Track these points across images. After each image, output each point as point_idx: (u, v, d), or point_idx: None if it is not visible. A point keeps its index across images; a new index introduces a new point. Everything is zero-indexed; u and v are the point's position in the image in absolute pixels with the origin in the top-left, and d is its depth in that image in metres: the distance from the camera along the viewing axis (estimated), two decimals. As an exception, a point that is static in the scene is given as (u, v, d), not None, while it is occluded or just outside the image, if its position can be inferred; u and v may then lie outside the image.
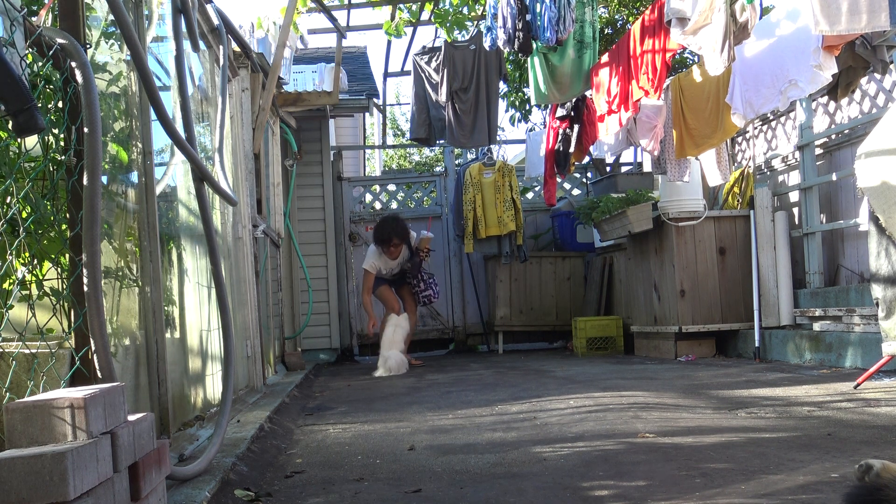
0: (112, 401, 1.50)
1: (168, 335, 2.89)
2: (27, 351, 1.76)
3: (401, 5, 8.54)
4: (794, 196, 6.35)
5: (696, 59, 6.86)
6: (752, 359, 5.94)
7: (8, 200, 1.85)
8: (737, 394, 3.99)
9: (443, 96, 7.70)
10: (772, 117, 6.66)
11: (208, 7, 4.00)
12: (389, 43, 9.53)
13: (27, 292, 1.91)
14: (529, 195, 9.35)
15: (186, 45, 3.13)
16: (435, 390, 4.97)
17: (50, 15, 2.13)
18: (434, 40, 8.81)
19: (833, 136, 5.84)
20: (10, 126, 1.67)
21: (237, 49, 5.29)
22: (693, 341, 6.40)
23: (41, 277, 1.97)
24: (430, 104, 8.00)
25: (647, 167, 8.00)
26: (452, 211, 8.68)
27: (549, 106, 7.50)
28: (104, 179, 2.29)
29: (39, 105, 1.76)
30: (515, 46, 6.03)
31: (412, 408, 4.14)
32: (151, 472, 1.65)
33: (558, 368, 6.09)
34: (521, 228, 8.26)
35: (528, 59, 6.70)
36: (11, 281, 1.90)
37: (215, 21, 4.04)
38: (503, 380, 5.37)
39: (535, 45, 6.12)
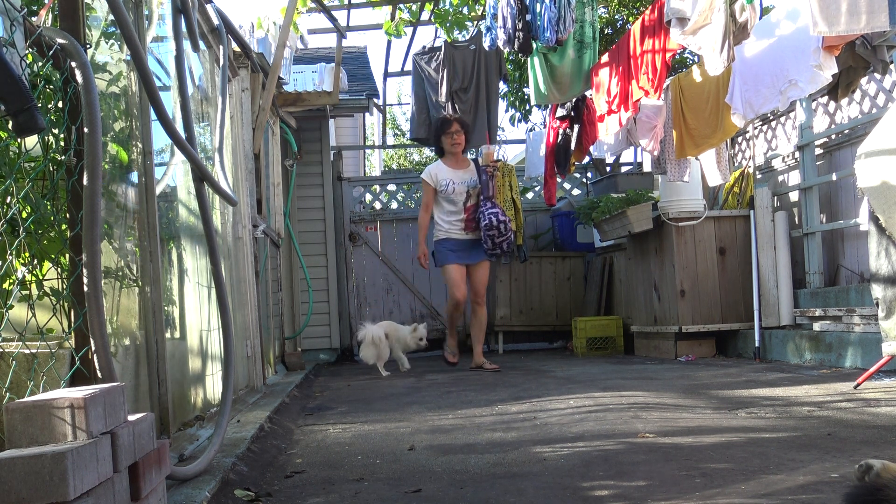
0: (112, 401, 1.50)
1: (168, 335, 2.89)
2: (27, 351, 1.76)
3: (401, 5, 8.54)
4: (794, 196, 6.35)
5: (696, 59, 6.86)
6: (752, 359, 5.94)
7: (8, 200, 1.85)
8: (737, 394, 3.99)
9: (443, 96, 7.70)
10: (772, 117, 6.66)
11: (208, 7, 4.00)
12: (389, 43, 9.54)
13: (27, 292, 1.91)
14: (529, 195, 9.35)
15: (186, 45, 3.13)
16: (435, 390, 4.97)
17: (50, 15, 2.13)
18: (434, 40, 8.82)
19: (833, 136, 5.84)
20: (10, 126, 1.67)
21: (237, 49, 5.29)
22: (693, 341, 6.40)
23: (41, 277, 1.97)
24: (430, 104, 8.00)
25: (647, 167, 8.00)
26: (452, 211, 8.67)
27: (549, 106, 7.50)
28: (104, 179, 2.29)
29: (39, 105, 1.76)
30: (515, 46, 6.03)
31: (412, 408, 4.14)
32: (151, 472, 1.65)
33: (558, 368, 6.09)
34: (521, 228, 8.22)
35: (528, 59, 6.71)
36: (11, 281, 1.90)
37: (215, 21, 4.04)
38: (503, 380, 5.37)
39: (535, 45, 6.13)
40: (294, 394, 4.84)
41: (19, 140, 1.90)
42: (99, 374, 1.85)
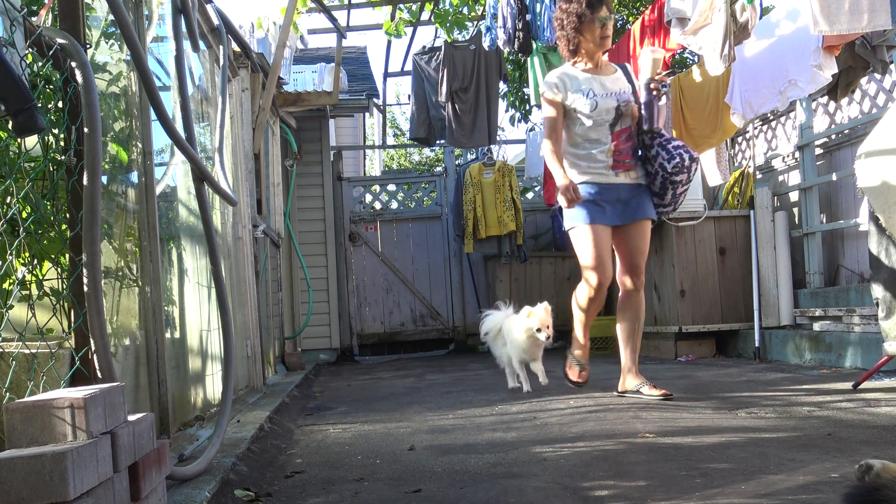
0: (112, 401, 1.50)
1: (168, 335, 2.89)
2: (27, 351, 1.76)
3: (401, 5, 8.54)
4: (794, 196, 6.35)
5: (696, 59, 6.86)
6: (752, 359, 5.94)
7: (8, 200, 1.85)
8: (737, 394, 3.99)
9: (443, 96, 7.71)
10: (772, 117, 6.66)
11: (208, 7, 4.00)
12: (389, 43, 9.54)
13: (27, 292, 1.91)
14: (529, 195, 9.36)
15: (186, 45, 3.14)
16: (435, 390, 4.97)
17: (50, 15, 2.13)
18: (434, 40, 8.82)
19: (833, 136, 5.84)
20: (10, 126, 1.67)
21: (237, 49, 5.29)
22: (693, 341, 6.40)
23: (41, 277, 1.97)
24: (430, 104, 8.01)
25: (647, 167, 7.99)
26: (452, 211, 8.68)
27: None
28: (104, 179, 2.29)
29: (39, 105, 1.76)
30: (515, 46, 6.03)
31: (412, 408, 4.14)
32: (151, 472, 1.65)
33: (558, 368, 6.08)
34: (521, 228, 8.26)
35: (528, 59, 6.71)
36: (11, 281, 1.90)
37: (215, 21, 4.04)
38: (503, 380, 5.36)
39: (534, 45, 6.13)
40: (294, 394, 4.84)
41: (19, 140, 1.90)
42: (99, 374, 1.85)
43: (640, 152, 3.99)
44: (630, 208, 3.95)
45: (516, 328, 4.34)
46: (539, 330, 4.24)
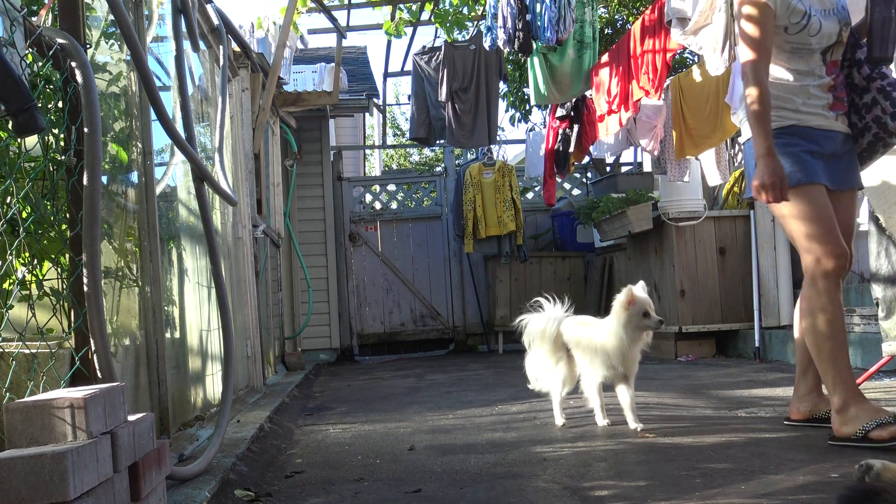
0: (112, 401, 1.50)
1: (168, 335, 2.89)
2: (27, 351, 1.76)
3: (401, 5, 8.53)
4: (794, 196, 6.35)
5: (696, 59, 6.86)
6: (752, 359, 5.94)
7: (8, 200, 1.85)
8: (737, 394, 3.99)
9: (443, 96, 7.70)
10: (772, 117, 6.65)
11: (208, 7, 4.00)
12: (389, 43, 9.54)
13: (27, 292, 1.91)
14: (529, 195, 9.36)
15: (186, 45, 3.14)
16: (435, 390, 4.97)
17: (50, 15, 2.13)
18: (434, 40, 8.83)
19: (833, 136, 5.84)
20: (10, 126, 1.67)
21: (237, 49, 5.29)
22: (693, 341, 6.40)
23: (41, 277, 1.97)
24: (430, 104, 8.00)
25: (647, 167, 8.00)
26: (452, 211, 8.68)
27: (549, 106, 7.50)
28: (104, 179, 2.29)
29: (39, 105, 1.76)
30: (515, 46, 6.03)
31: (412, 408, 4.14)
32: (151, 472, 1.65)
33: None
34: (521, 228, 8.26)
35: (528, 59, 6.70)
36: (11, 281, 1.90)
37: (215, 21, 4.04)
38: (503, 380, 5.37)
39: (535, 45, 6.12)
40: (294, 394, 4.84)
41: (19, 140, 1.90)
42: (99, 374, 1.85)
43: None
44: (842, 169, 2.82)
45: (602, 326, 3.10)
46: (646, 315, 3.01)
